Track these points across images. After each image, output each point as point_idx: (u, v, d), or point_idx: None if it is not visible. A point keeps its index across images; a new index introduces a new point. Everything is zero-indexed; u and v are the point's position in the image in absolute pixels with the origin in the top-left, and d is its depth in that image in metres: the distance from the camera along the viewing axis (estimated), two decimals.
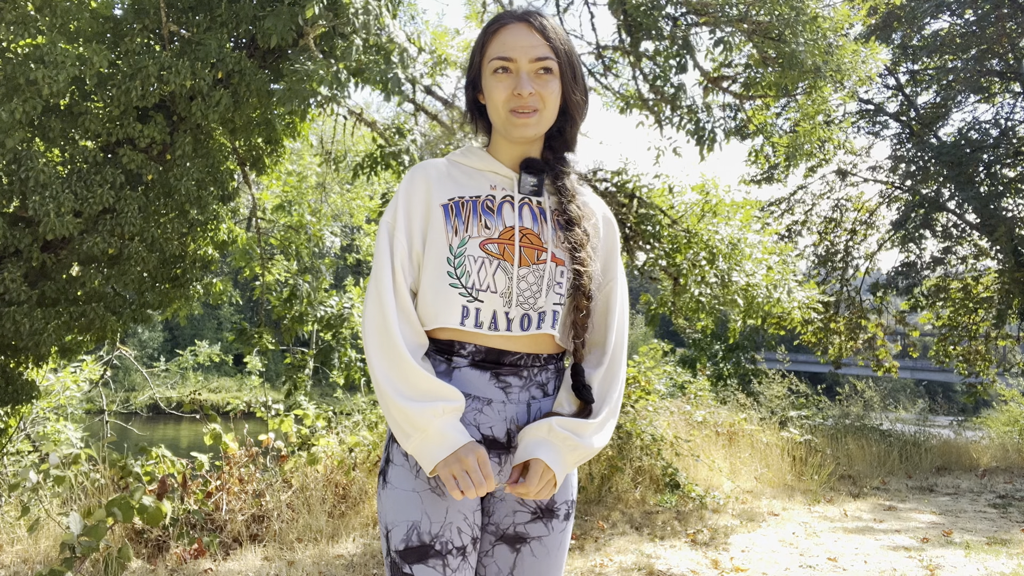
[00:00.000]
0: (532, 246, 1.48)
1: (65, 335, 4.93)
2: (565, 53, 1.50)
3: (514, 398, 1.48)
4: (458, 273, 1.44)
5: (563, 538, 1.56)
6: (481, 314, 1.44)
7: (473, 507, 1.48)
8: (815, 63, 5.66)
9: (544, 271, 1.47)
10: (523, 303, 1.45)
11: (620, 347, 1.55)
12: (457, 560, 1.43)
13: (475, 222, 1.48)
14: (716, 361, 14.09)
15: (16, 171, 4.24)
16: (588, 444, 1.45)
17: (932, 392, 20.11)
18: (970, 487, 7.76)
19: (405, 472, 1.46)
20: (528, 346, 1.48)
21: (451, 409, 1.39)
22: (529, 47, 1.46)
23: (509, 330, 1.45)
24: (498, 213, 1.50)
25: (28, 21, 4.25)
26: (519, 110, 1.47)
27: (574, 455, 1.45)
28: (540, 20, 1.49)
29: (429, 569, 1.41)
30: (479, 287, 1.44)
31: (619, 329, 1.56)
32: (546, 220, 1.51)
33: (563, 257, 1.49)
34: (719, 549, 4.80)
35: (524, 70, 1.46)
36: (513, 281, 1.45)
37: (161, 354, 30.37)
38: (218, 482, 4.70)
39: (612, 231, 1.63)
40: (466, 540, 1.45)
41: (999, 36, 11.35)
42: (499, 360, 1.47)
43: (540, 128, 1.50)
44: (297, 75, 4.38)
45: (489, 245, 1.46)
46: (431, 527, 1.43)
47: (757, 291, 6.08)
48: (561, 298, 1.48)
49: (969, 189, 10.82)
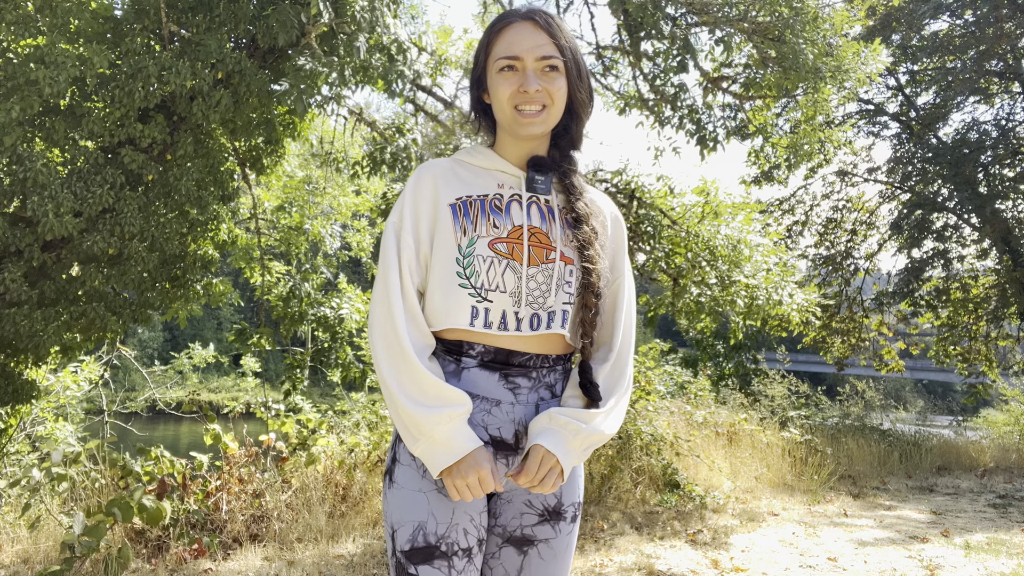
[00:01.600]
0: (541, 245, 1.47)
1: (65, 335, 4.93)
2: (571, 51, 1.50)
3: (523, 399, 1.47)
4: (467, 273, 1.43)
5: (570, 541, 1.54)
6: (490, 314, 1.43)
7: (480, 508, 1.47)
8: (815, 64, 5.67)
9: (553, 270, 1.46)
10: (532, 303, 1.44)
11: (627, 344, 1.55)
12: (463, 562, 1.42)
13: (483, 221, 1.46)
14: (718, 361, 14.09)
15: (16, 171, 4.24)
16: (593, 429, 1.43)
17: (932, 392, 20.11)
18: (970, 487, 7.76)
19: (412, 472, 1.45)
20: (537, 346, 1.47)
21: (457, 415, 1.38)
22: (535, 46, 1.46)
23: (519, 330, 1.44)
24: (506, 212, 1.49)
25: (28, 21, 4.25)
26: (525, 107, 1.46)
27: (578, 440, 1.42)
28: (546, 18, 1.48)
29: (434, 570, 1.40)
30: (488, 287, 1.43)
31: (626, 326, 1.56)
32: (554, 218, 1.51)
33: (572, 256, 1.49)
34: (719, 549, 4.80)
35: (530, 68, 1.46)
36: (523, 281, 1.44)
37: (161, 354, 30.39)
38: (218, 482, 4.70)
39: (620, 228, 1.62)
40: (472, 542, 1.44)
41: (999, 36, 11.35)
42: (508, 361, 1.46)
43: (547, 126, 1.50)
44: (301, 73, 4.38)
45: (498, 244, 1.45)
46: (437, 528, 1.41)
47: (757, 292, 6.07)
48: (570, 297, 1.48)
49: (968, 190, 10.81)
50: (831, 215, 13.84)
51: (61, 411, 6.91)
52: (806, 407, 9.97)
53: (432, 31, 6.82)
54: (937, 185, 12.09)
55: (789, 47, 5.65)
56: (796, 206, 13.96)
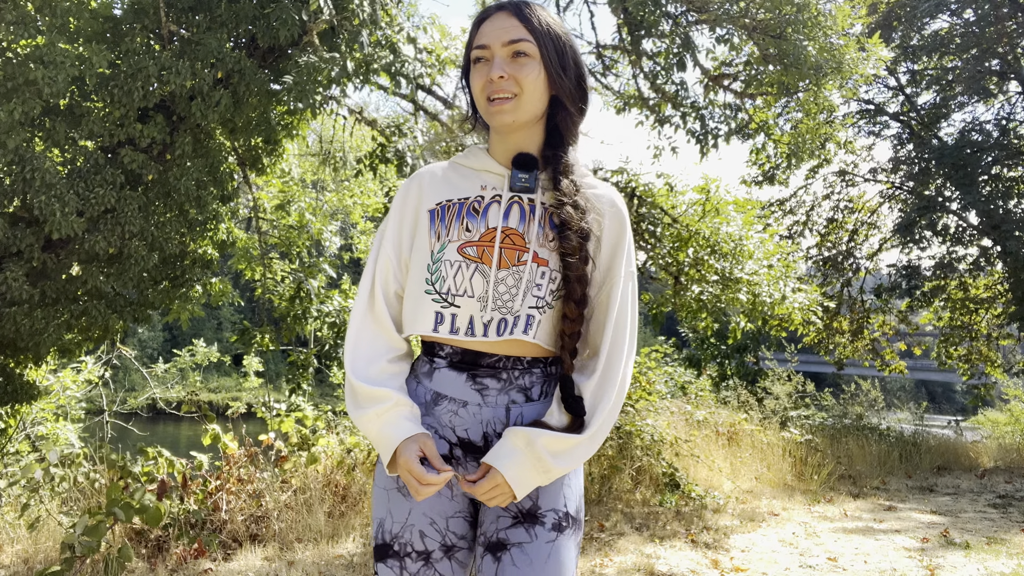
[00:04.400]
0: (514, 247, 1.40)
1: (65, 335, 4.93)
2: (548, 36, 1.41)
3: (491, 401, 1.42)
4: (433, 279, 1.42)
5: (552, 551, 1.39)
6: (457, 320, 1.40)
7: (445, 512, 1.43)
8: (817, 61, 5.66)
9: (523, 273, 1.39)
10: (500, 307, 1.39)
11: (617, 351, 1.41)
12: (416, 564, 1.41)
13: (456, 226, 1.43)
14: (720, 361, 14.09)
15: (20, 171, 4.24)
16: (562, 467, 1.35)
17: (932, 392, 20.11)
18: (970, 487, 7.76)
19: (380, 470, 1.48)
20: (507, 349, 1.41)
21: (384, 410, 1.38)
22: (502, 30, 1.39)
23: (485, 335, 1.39)
24: (483, 214, 1.44)
25: (28, 21, 4.25)
26: (494, 95, 1.39)
27: (541, 477, 1.35)
28: (520, 6, 1.41)
29: (387, 568, 1.42)
30: (455, 292, 1.40)
31: (617, 331, 1.41)
32: (534, 218, 1.42)
33: (547, 257, 1.40)
34: (719, 549, 4.79)
35: (498, 55, 1.39)
36: (491, 284, 1.39)
37: (161, 354, 30.36)
38: (218, 482, 4.70)
39: (619, 223, 1.47)
40: (431, 545, 1.41)
41: (999, 36, 11.34)
42: (475, 362, 1.42)
43: (518, 115, 1.41)
44: (304, 70, 4.37)
45: (467, 248, 1.41)
46: (392, 526, 1.43)
47: (759, 290, 6.07)
48: (539, 300, 1.39)
49: (972, 191, 10.79)
50: (832, 215, 13.83)
51: (61, 411, 6.91)
52: (809, 408, 9.96)
53: (433, 26, 6.81)
54: (936, 186, 12.07)
55: (790, 44, 5.64)
56: (797, 207, 13.95)
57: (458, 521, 1.45)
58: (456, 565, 1.44)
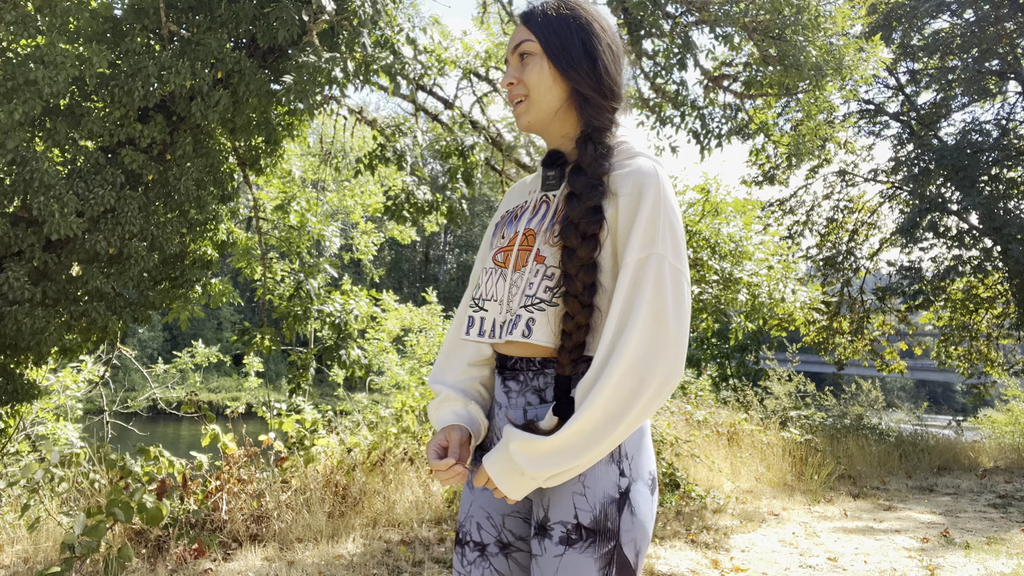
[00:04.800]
0: (528, 248, 1.39)
1: (66, 335, 4.93)
2: (553, 31, 1.38)
3: (513, 403, 1.43)
4: (475, 287, 1.50)
5: (561, 566, 1.29)
6: (484, 323, 1.44)
7: (502, 510, 1.46)
8: (817, 62, 5.66)
9: (525, 272, 1.37)
10: (508, 309, 1.40)
11: (619, 345, 1.24)
12: (474, 554, 1.46)
13: (498, 235, 1.50)
14: (720, 361, 14.09)
15: (20, 172, 4.24)
16: (538, 471, 1.25)
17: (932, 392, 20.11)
18: (970, 487, 7.76)
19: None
20: (518, 350, 1.41)
21: (436, 404, 1.51)
22: (513, 38, 1.44)
23: (497, 338, 1.41)
24: (519, 220, 1.47)
25: (28, 21, 4.25)
26: (511, 103, 1.46)
27: (519, 478, 1.30)
28: (527, 11, 1.43)
29: (455, 554, 1.51)
30: (485, 297, 1.45)
31: (620, 322, 1.26)
32: (548, 215, 1.40)
33: (546, 254, 1.35)
34: (719, 549, 4.79)
35: (511, 63, 1.44)
36: (506, 287, 1.41)
37: (161, 354, 30.37)
38: (218, 482, 4.69)
39: (633, 203, 1.31)
40: (487, 539, 1.46)
41: (999, 36, 11.34)
42: (504, 365, 1.46)
43: (532, 116, 1.42)
44: (305, 69, 4.37)
45: (498, 255, 1.45)
46: (462, 515, 1.52)
47: (759, 290, 6.07)
48: (529, 299, 1.34)
49: (972, 192, 10.78)
50: (832, 215, 13.83)
51: (61, 411, 6.91)
52: (809, 408, 9.96)
53: (434, 27, 6.82)
54: (936, 187, 12.07)
55: (790, 45, 5.64)
56: (797, 207, 13.95)
57: (515, 520, 1.45)
58: (514, 564, 1.44)
